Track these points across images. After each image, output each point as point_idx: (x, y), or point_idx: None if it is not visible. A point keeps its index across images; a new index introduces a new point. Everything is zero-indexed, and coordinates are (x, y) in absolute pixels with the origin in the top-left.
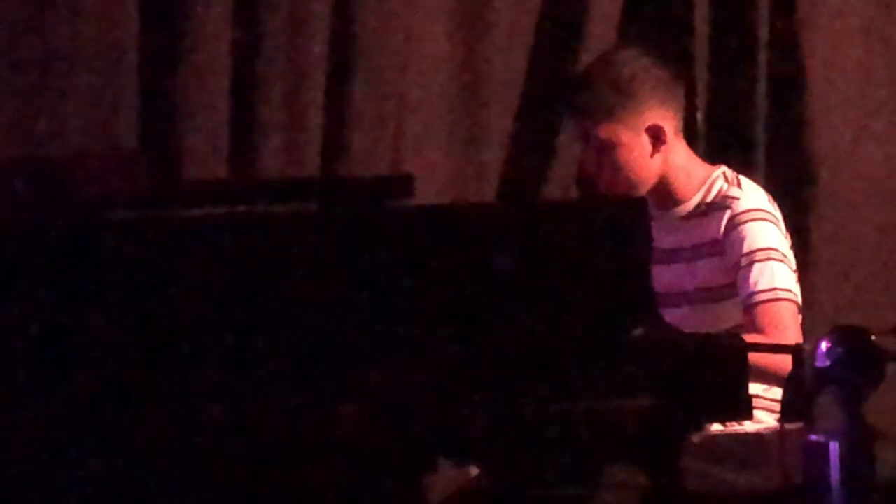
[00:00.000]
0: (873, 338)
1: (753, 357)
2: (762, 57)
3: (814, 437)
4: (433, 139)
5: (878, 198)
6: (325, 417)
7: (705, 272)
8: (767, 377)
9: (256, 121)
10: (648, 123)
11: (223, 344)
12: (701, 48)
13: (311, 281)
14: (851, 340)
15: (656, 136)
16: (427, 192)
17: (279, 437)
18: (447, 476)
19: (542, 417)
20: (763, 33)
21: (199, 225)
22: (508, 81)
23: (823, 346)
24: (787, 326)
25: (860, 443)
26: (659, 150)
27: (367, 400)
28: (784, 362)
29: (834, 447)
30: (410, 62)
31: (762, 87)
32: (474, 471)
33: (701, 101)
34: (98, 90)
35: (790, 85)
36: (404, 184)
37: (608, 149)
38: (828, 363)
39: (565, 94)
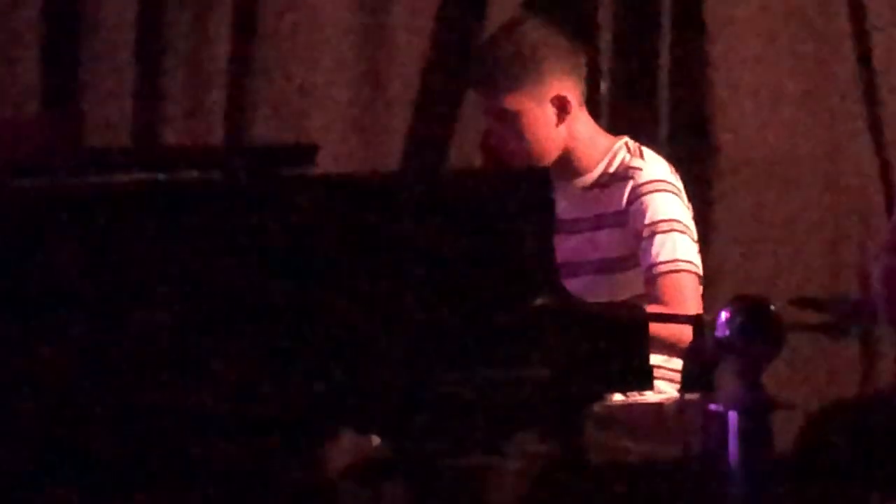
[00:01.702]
0: (773, 308)
1: (654, 327)
2: (666, 27)
3: (713, 407)
4: (336, 110)
5: (781, 169)
6: (227, 386)
7: (607, 243)
8: (668, 348)
9: (159, 90)
10: (553, 94)
11: (126, 314)
12: (605, 18)
13: (213, 248)
14: (751, 311)
15: (562, 106)
16: (330, 162)
17: (177, 407)
18: (348, 445)
19: (443, 387)
20: (667, 3)
21: (100, 193)
22: (411, 53)
23: (723, 316)
24: (687, 297)
25: (759, 413)
26: (564, 121)
27: (266, 368)
28: (684, 333)
29: (733, 417)
30: (313, 32)
31: (665, 57)
32: (376, 440)
33: (604, 72)
34: None
35: (694, 55)
36: (307, 152)
37: (513, 119)
38: (727, 333)
39: (469, 64)
